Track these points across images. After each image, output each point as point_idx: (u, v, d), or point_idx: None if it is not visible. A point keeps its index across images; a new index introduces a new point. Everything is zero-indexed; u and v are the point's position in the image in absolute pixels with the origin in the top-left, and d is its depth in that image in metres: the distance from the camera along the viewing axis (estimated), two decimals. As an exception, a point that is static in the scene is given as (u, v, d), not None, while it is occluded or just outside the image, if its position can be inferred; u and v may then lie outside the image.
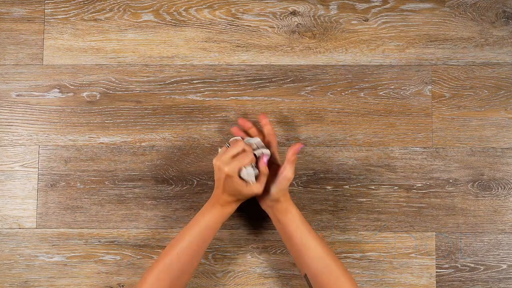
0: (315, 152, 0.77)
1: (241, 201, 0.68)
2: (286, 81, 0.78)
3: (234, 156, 0.64)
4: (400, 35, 0.78)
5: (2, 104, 0.79)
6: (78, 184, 0.78)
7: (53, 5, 0.79)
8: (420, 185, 0.77)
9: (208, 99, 0.78)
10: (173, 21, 0.79)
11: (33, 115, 0.78)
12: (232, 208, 0.68)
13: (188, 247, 0.65)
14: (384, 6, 0.78)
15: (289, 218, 0.66)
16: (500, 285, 0.75)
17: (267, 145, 0.69)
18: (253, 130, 0.72)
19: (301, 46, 0.78)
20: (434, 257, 0.76)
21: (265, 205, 0.69)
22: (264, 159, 0.66)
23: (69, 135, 0.78)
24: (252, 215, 0.77)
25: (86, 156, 0.78)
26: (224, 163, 0.64)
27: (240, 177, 0.65)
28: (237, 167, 0.63)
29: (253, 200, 0.77)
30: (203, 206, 0.68)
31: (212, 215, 0.66)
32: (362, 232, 0.76)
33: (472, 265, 0.76)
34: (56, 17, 0.79)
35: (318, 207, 0.77)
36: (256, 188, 0.65)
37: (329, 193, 0.77)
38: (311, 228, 0.67)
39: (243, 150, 0.65)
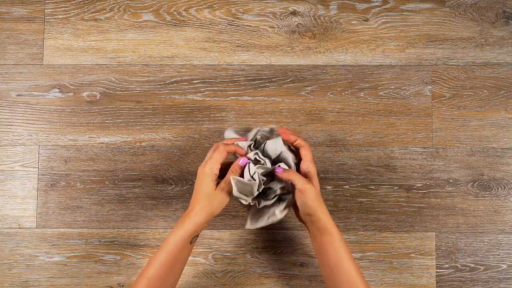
0: (315, 152, 0.77)
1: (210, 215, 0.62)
2: (286, 81, 0.78)
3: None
4: (400, 35, 0.78)
5: (2, 104, 0.79)
6: (78, 184, 0.78)
7: (53, 5, 0.79)
8: (420, 185, 0.77)
9: (208, 99, 0.78)
10: (173, 21, 0.79)
11: (33, 115, 0.78)
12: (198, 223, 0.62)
13: (163, 264, 0.61)
14: (384, 6, 0.78)
15: (327, 238, 0.61)
16: (500, 285, 0.75)
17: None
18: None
19: (301, 46, 0.78)
20: (434, 257, 0.76)
21: (300, 218, 0.64)
22: (241, 162, 0.62)
23: (69, 135, 0.78)
24: (252, 215, 0.77)
25: (86, 156, 0.78)
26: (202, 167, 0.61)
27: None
28: (212, 164, 0.60)
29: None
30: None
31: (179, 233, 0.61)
32: (362, 232, 0.76)
33: (472, 265, 0.76)
34: (56, 17, 0.79)
35: (318, 207, 0.77)
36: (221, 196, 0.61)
37: (329, 193, 0.77)
38: (349, 250, 0.61)
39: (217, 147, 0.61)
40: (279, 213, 0.63)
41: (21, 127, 0.78)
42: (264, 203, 0.63)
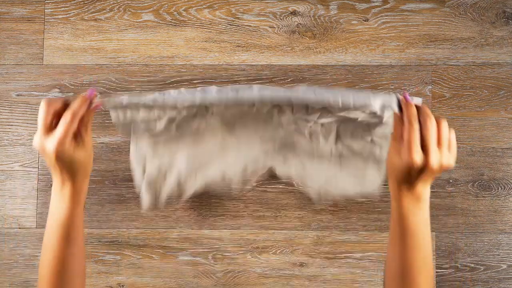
0: (315, 152, 0.77)
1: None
2: (286, 81, 0.78)
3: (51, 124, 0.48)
4: (400, 35, 0.78)
5: (2, 104, 0.79)
6: (78, 184, 0.77)
7: (53, 5, 0.79)
8: (420, 185, 0.76)
9: (208, 99, 0.78)
10: (173, 21, 0.79)
11: (33, 115, 0.78)
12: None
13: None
14: (384, 6, 0.78)
15: (416, 213, 0.51)
16: (500, 285, 0.75)
17: None
18: None
19: (301, 46, 0.78)
20: (434, 257, 0.76)
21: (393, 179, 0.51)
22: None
23: (69, 135, 0.78)
24: (252, 215, 0.77)
25: (86, 156, 0.78)
26: (43, 140, 0.47)
27: None
28: (63, 138, 0.47)
29: (255, 199, 0.77)
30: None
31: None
32: (362, 232, 0.76)
33: (472, 265, 0.76)
34: (56, 17, 0.79)
35: (318, 207, 0.77)
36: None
37: (329, 193, 0.77)
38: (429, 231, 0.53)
39: (49, 112, 0.48)
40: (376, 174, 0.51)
41: (21, 127, 0.78)
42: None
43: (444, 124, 0.48)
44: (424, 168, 0.47)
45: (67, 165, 0.48)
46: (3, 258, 0.77)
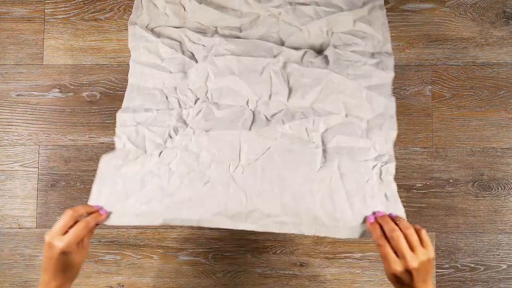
0: (315, 152, 0.77)
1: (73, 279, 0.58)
2: (286, 81, 0.78)
3: (66, 228, 0.56)
4: (400, 35, 0.78)
5: (2, 104, 0.79)
6: (78, 184, 0.78)
7: (53, 5, 0.79)
8: (420, 185, 0.77)
9: (208, 99, 0.78)
10: (173, 21, 0.79)
11: (33, 115, 0.78)
12: None
13: None
14: (385, 6, 0.78)
15: None
16: (500, 285, 0.75)
17: None
18: None
19: (301, 46, 0.78)
20: (434, 257, 0.76)
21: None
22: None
23: (69, 135, 0.78)
24: (252, 215, 0.77)
25: (86, 156, 0.78)
26: (54, 238, 0.54)
27: None
28: (73, 241, 0.55)
29: (253, 200, 0.77)
30: None
31: None
32: (362, 232, 0.76)
33: (472, 265, 0.76)
34: (56, 17, 0.79)
35: (318, 207, 0.77)
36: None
37: (329, 193, 0.77)
38: None
39: (72, 218, 0.56)
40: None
41: (21, 127, 0.78)
42: None
43: (410, 232, 0.54)
44: (408, 271, 0.52)
45: (62, 265, 0.55)
46: (3, 258, 0.77)
